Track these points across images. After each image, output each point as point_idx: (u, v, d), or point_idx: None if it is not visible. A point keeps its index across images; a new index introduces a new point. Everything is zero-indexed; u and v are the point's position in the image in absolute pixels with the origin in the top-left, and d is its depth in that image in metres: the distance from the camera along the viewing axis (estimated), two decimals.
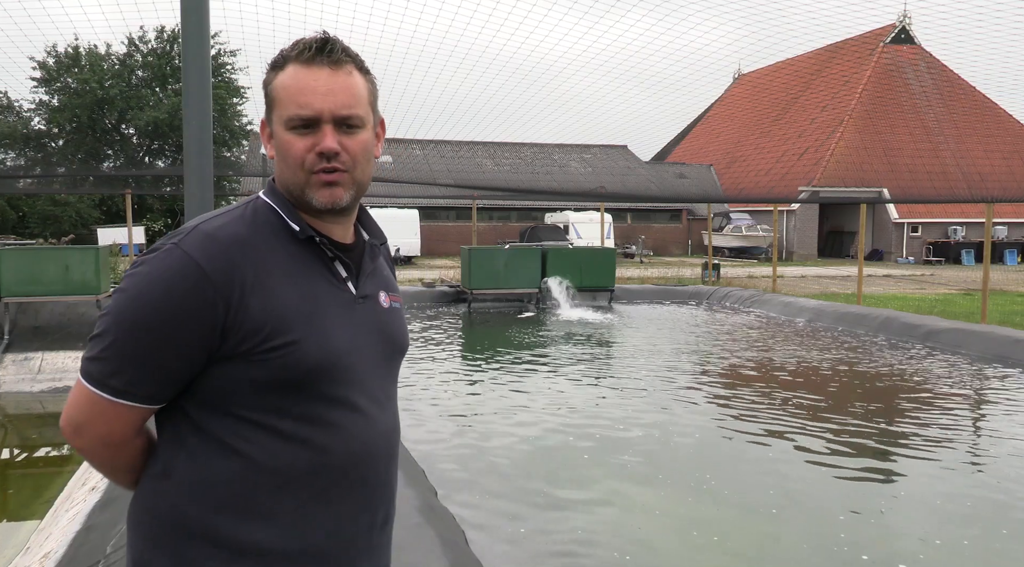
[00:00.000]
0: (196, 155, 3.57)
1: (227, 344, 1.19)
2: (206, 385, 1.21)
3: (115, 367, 1.18)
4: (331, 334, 1.25)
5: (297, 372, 1.21)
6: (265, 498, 1.21)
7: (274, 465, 1.21)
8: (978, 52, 62.31)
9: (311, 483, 1.23)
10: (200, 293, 1.16)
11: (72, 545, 3.59)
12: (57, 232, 30.02)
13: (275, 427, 1.22)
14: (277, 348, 1.19)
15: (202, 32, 3.58)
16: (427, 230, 35.52)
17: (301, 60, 1.25)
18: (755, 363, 9.59)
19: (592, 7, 24.27)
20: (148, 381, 1.19)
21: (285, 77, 1.26)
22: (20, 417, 8.63)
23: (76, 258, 11.10)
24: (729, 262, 32.11)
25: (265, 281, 1.21)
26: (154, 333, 1.16)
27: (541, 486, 5.05)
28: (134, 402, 1.20)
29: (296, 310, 1.22)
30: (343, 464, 1.26)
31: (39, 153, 33.89)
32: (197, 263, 1.17)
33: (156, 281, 1.17)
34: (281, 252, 1.25)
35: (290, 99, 1.25)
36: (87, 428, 1.23)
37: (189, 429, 1.23)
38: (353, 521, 1.29)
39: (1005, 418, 7.11)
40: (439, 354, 10.11)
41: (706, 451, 5.94)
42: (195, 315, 1.16)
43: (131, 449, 1.27)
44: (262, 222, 1.27)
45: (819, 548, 4.19)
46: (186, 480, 1.22)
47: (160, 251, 1.20)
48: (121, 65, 33.99)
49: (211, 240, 1.20)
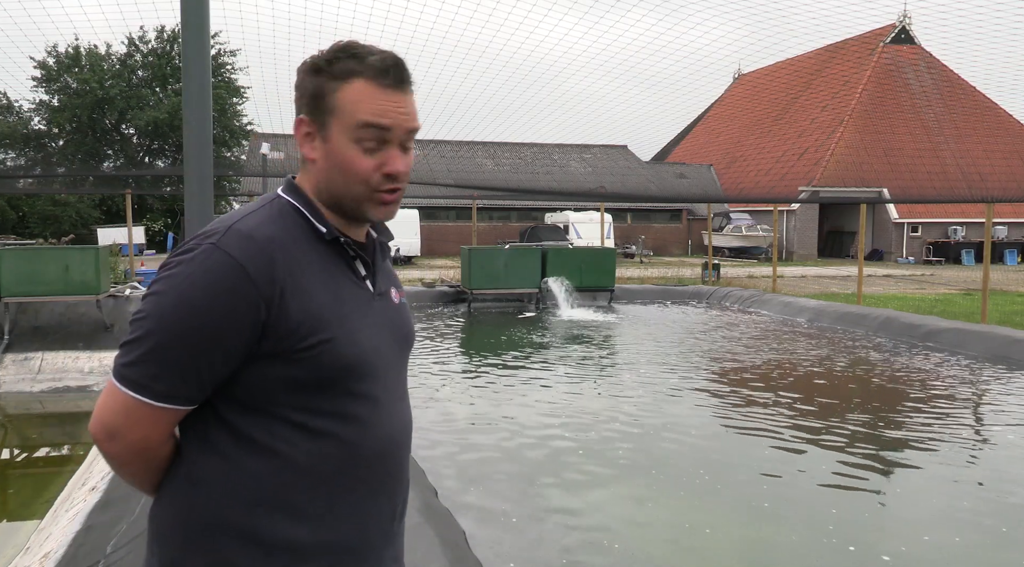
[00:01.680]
0: (196, 155, 3.58)
1: (266, 343, 1.20)
2: (240, 383, 1.22)
3: (157, 371, 1.17)
4: (359, 332, 1.28)
5: (331, 370, 1.23)
6: (298, 494, 1.23)
7: (307, 462, 1.23)
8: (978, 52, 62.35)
9: (341, 478, 1.26)
10: (244, 294, 1.17)
11: (72, 545, 3.59)
12: (57, 232, 30.04)
13: (306, 424, 1.23)
14: (312, 346, 1.21)
15: (202, 32, 3.59)
16: (427, 230, 35.52)
17: (378, 82, 1.25)
18: (754, 363, 9.59)
19: (592, 7, 24.30)
20: (189, 383, 1.19)
21: (355, 90, 1.25)
22: (20, 417, 8.63)
23: (76, 258, 11.10)
24: (729, 262, 32.11)
25: (300, 281, 1.22)
26: (198, 335, 1.16)
27: (541, 486, 5.05)
28: (176, 405, 1.20)
29: (329, 309, 1.24)
30: (369, 457, 1.29)
31: (39, 153, 33.89)
32: (240, 263, 1.17)
33: (199, 282, 1.16)
34: (311, 252, 1.27)
35: (364, 111, 1.25)
36: (123, 434, 1.21)
37: (219, 428, 1.23)
38: (379, 512, 1.32)
39: (1005, 418, 7.11)
40: (439, 354, 10.11)
41: (706, 451, 5.94)
42: (239, 316, 1.17)
43: (164, 453, 1.26)
44: (290, 223, 1.27)
45: (816, 548, 4.19)
46: (219, 481, 1.22)
47: (197, 251, 1.19)
48: (121, 65, 34.01)
49: (249, 240, 1.20)
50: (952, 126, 38.53)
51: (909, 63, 40.17)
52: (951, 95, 39.28)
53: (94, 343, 10.83)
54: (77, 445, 7.34)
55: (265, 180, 17.66)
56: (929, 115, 38.79)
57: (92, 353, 10.56)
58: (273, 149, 18.78)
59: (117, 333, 11.17)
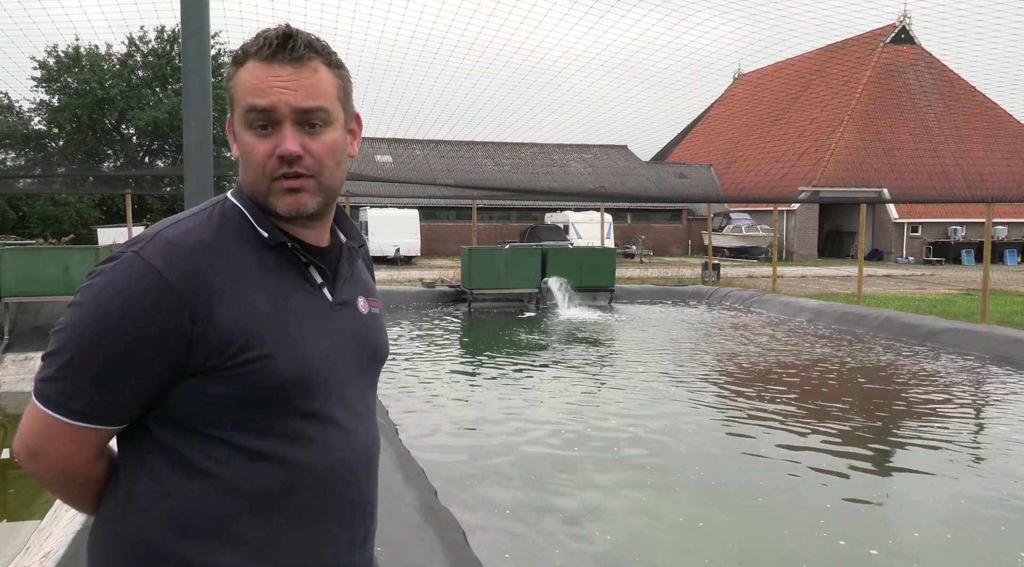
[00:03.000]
0: (196, 155, 3.57)
1: (194, 358, 1.10)
2: (170, 402, 1.13)
3: (74, 388, 1.09)
4: (306, 345, 1.17)
5: (270, 387, 1.13)
6: (235, 520, 1.13)
7: (245, 485, 1.14)
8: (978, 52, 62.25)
9: (285, 503, 1.16)
10: (163, 304, 1.08)
11: (72, 545, 3.59)
12: (57, 232, 30.06)
13: (245, 445, 1.14)
14: (248, 362, 1.11)
15: (202, 32, 3.59)
16: (427, 230, 35.51)
17: (261, 57, 1.15)
18: (754, 363, 9.59)
19: (592, 7, 24.29)
20: (110, 401, 1.10)
21: (244, 73, 1.16)
22: (20, 417, 8.63)
23: (76, 258, 11.11)
24: (729, 262, 32.11)
25: (233, 290, 1.13)
26: (115, 349, 1.08)
27: (541, 485, 5.05)
28: (95, 425, 1.11)
29: (268, 321, 1.14)
30: (319, 481, 1.18)
31: (39, 153, 33.91)
32: (159, 272, 1.08)
33: (115, 293, 1.08)
34: (251, 259, 1.17)
35: (248, 93, 1.15)
36: (44, 454, 1.13)
37: (152, 449, 1.15)
38: (331, 542, 1.21)
39: (1004, 418, 7.11)
40: (439, 354, 10.11)
41: (706, 451, 5.94)
42: (158, 328, 1.08)
43: (92, 474, 1.18)
44: (230, 227, 1.18)
45: (817, 547, 4.19)
46: (149, 503, 1.14)
47: (118, 260, 1.11)
48: (121, 65, 34.01)
49: (174, 247, 1.11)
50: (952, 126, 38.53)
51: (909, 63, 40.17)
52: (951, 95, 39.28)
53: None
54: None
55: None
56: (929, 115, 38.79)
57: None
58: None
59: None
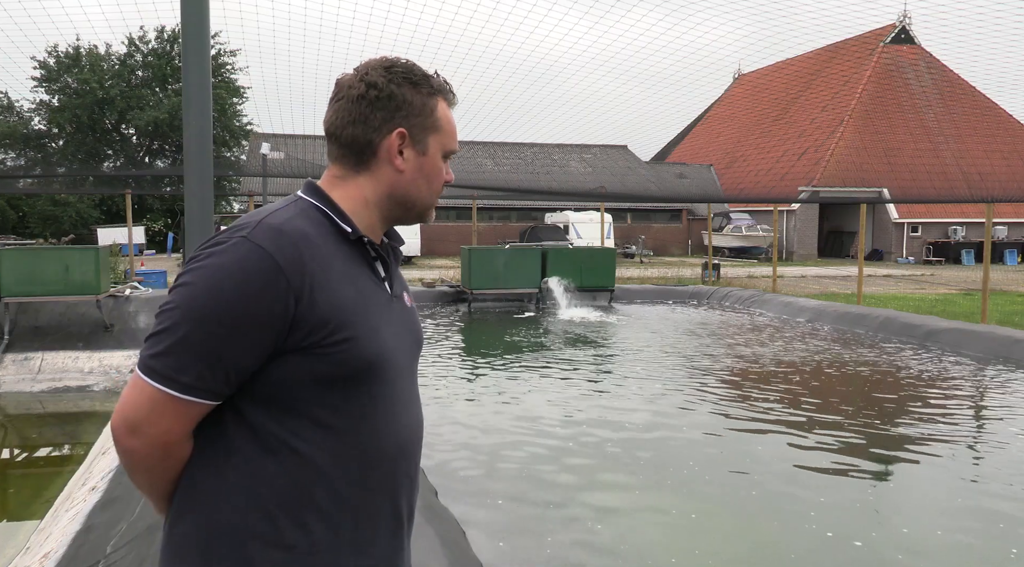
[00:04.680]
0: (196, 155, 3.57)
1: (294, 337, 1.19)
2: (265, 381, 1.21)
3: (184, 362, 1.15)
4: (381, 330, 1.29)
5: (354, 367, 1.23)
6: (321, 495, 1.22)
7: (331, 461, 1.23)
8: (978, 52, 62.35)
9: (363, 478, 1.26)
10: (274, 286, 1.16)
11: (72, 545, 3.59)
12: (57, 232, 30.07)
13: (331, 423, 1.23)
14: (338, 342, 1.21)
15: (202, 32, 3.58)
16: (427, 230, 35.52)
17: (449, 102, 1.42)
18: (754, 363, 9.59)
19: (593, 6, 24.28)
20: (217, 377, 1.17)
21: (444, 111, 1.40)
22: (20, 417, 8.63)
23: (76, 258, 11.10)
24: (729, 262, 32.10)
25: (328, 276, 1.23)
26: (228, 326, 1.15)
27: (541, 485, 5.05)
28: (200, 398, 1.18)
29: (353, 307, 1.25)
30: (389, 457, 1.30)
31: (39, 153, 33.90)
32: (270, 255, 1.17)
33: (229, 273, 1.16)
34: (336, 250, 1.28)
35: (452, 134, 1.41)
36: (146, 427, 1.18)
37: (240, 431, 1.22)
38: (396, 512, 1.33)
39: (1004, 418, 7.11)
40: (439, 354, 10.11)
41: (706, 451, 5.94)
42: (270, 307, 1.16)
43: (183, 452, 1.23)
44: (315, 221, 1.29)
45: (816, 547, 4.19)
46: (241, 483, 1.21)
47: (227, 244, 1.19)
48: (121, 65, 34.01)
49: (280, 233, 1.20)
50: (952, 126, 38.52)
51: (909, 63, 40.16)
52: (951, 95, 39.27)
53: (94, 343, 10.83)
54: (77, 445, 7.34)
55: (265, 180, 17.62)
56: (929, 115, 38.78)
57: (92, 353, 10.56)
58: (273, 149, 18.75)
59: (117, 333, 11.17)
